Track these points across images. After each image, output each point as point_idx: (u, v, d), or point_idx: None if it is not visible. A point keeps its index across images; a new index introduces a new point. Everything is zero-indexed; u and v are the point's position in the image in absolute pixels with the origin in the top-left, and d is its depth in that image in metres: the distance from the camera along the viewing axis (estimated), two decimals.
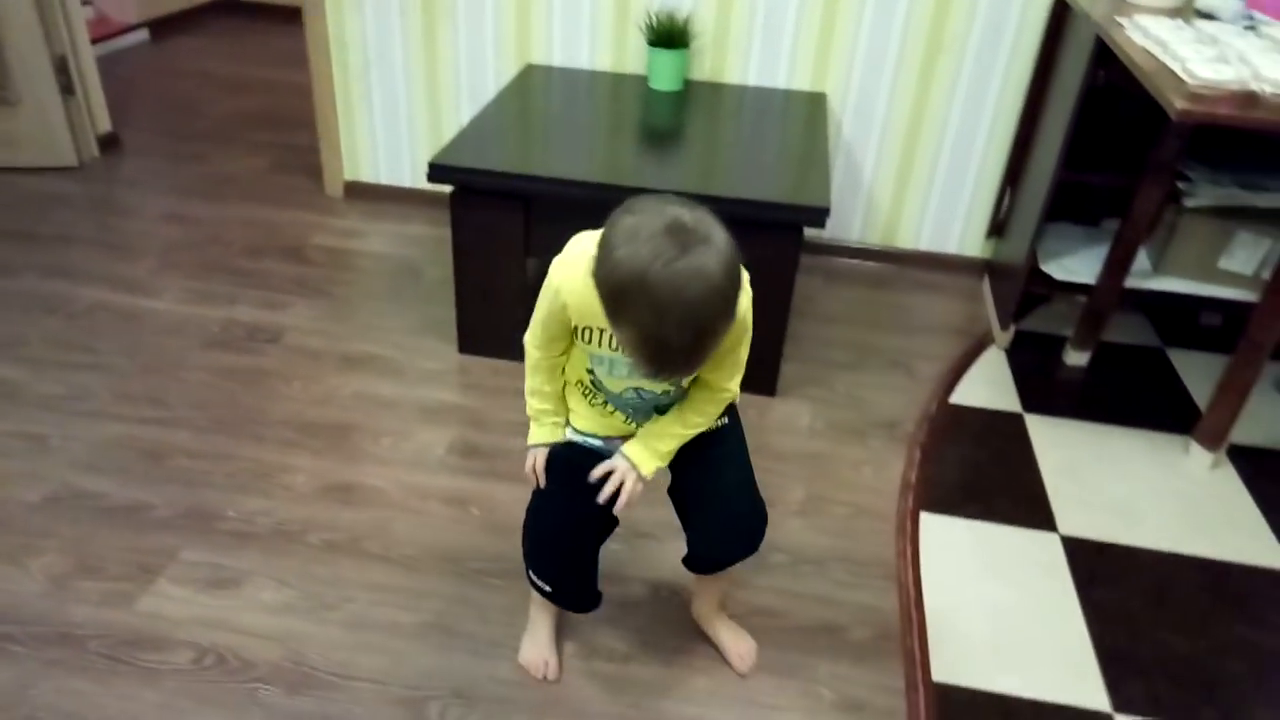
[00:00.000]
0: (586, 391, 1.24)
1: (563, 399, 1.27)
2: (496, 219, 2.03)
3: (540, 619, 1.46)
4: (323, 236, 2.74)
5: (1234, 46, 1.70)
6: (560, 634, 1.48)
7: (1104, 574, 1.70)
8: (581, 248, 1.07)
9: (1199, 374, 2.29)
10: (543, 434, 1.28)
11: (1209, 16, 1.97)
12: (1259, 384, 2.26)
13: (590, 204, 2.12)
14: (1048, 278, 2.26)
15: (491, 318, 2.16)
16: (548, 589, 1.34)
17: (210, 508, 1.72)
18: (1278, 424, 2.13)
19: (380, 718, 1.35)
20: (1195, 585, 1.68)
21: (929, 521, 1.80)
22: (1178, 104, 1.43)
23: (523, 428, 1.30)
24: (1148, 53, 1.71)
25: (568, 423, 1.28)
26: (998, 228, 2.63)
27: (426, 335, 2.27)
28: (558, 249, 1.11)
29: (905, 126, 2.56)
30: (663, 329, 0.89)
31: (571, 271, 1.07)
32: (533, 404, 1.27)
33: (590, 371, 1.20)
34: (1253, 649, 1.56)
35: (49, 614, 1.49)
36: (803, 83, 2.56)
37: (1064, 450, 2.01)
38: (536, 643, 1.45)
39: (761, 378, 2.10)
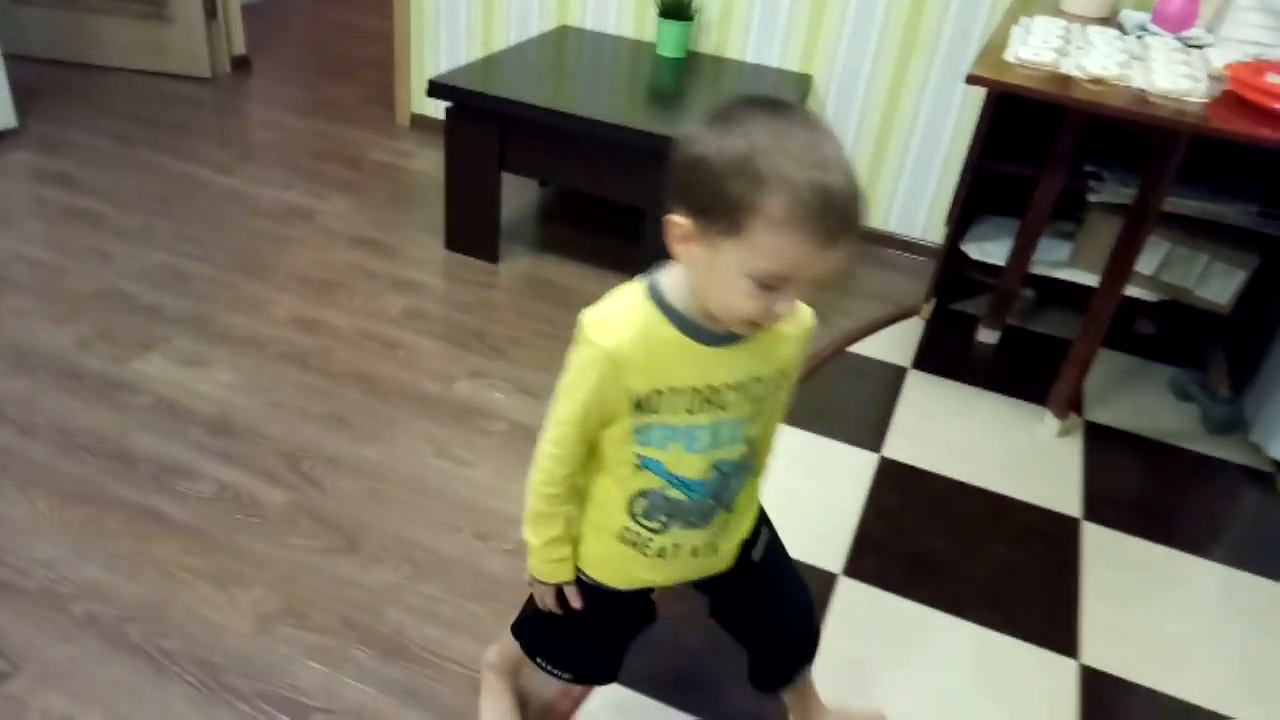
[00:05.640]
0: (635, 539, 1.01)
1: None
2: (478, 135, 2.45)
3: (503, 689, 1.33)
4: (380, 154, 3.25)
5: (1093, 44, 1.90)
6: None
7: (901, 487, 1.94)
8: (626, 296, 0.91)
9: (1102, 370, 2.44)
10: (564, 572, 1.06)
11: (1120, 26, 2.15)
12: (1155, 380, 2.41)
13: (555, 130, 2.56)
14: (966, 257, 2.48)
15: (471, 220, 2.59)
16: (568, 676, 1.20)
17: (205, 316, 2.22)
18: (1147, 415, 2.26)
19: (269, 461, 1.79)
20: (978, 510, 1.90)
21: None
22: (969, 73, 1.68)
23: (471, 309, 1.67)
24: (1008, 41, 1.93)
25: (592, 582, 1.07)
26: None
27: (425, 233, 2.72)
28: (527, 166, 1.09)
29: (881, 115, 2.82)
30: (823, 170, 0.76)
31: (625, 319, 0.89)
32: (549, 554, 1.04)
33: (642, 496, 0.97)
34: (1002, 560, 1.77)
35: (70, 360, 2.01)
36: (793, 64, 2.86)
37: (928, 400, 2.23)
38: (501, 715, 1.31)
39: None
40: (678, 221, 0.83)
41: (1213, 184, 2.22)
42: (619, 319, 0.90)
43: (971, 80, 1.70)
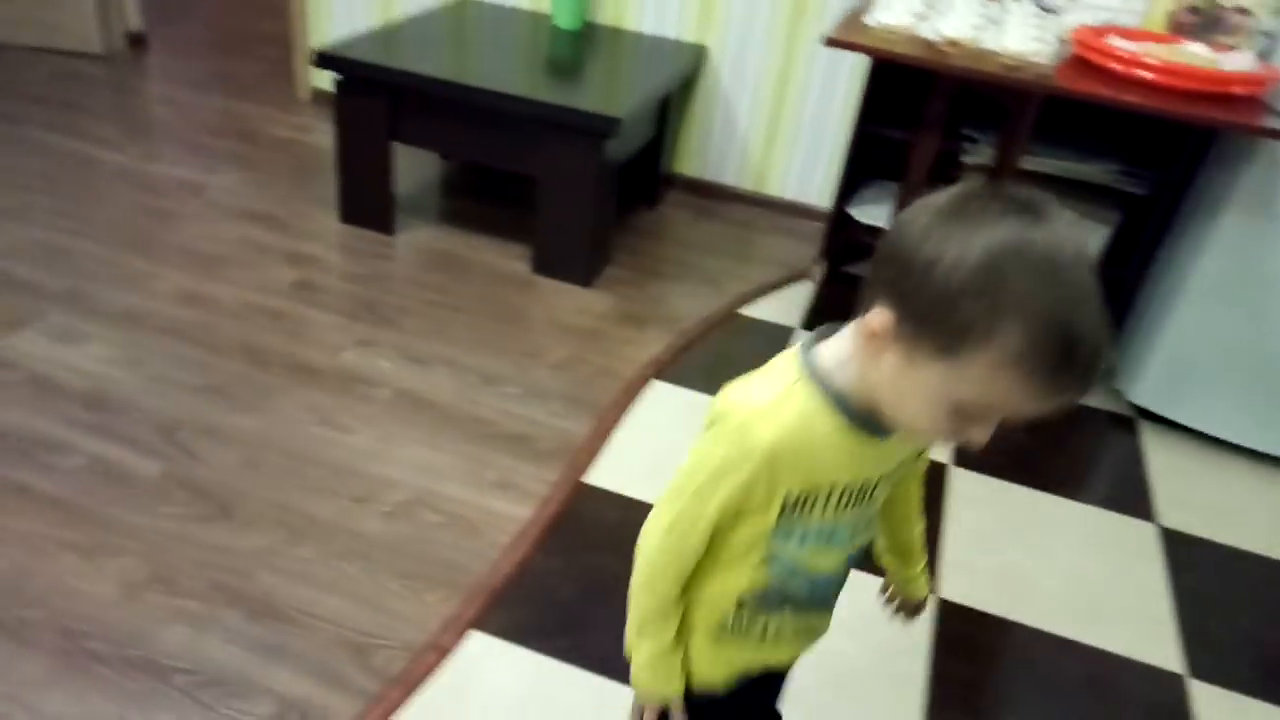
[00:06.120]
0: (732, 624, 0.87)
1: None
2: (367, 107, 2.43)
3: None
4: (278, 129, 3.20)
5: (954, 8, 1.97)
6: None
7: None
8: (780, 374, 0.77)
9: None
10: (677, 681, 0.89)
11: None
12: None
13: (447, 101, 2.55)
14: (853, 221, 2.54)
15: (364, 192, 2.57)
16: None
17: (84, 292, 2.18)
18: None
19: (143, 433, 1.77)
20: None
21: (658, 386, 2.12)
22: (828, 37, 1.73)
23: (363, 280, 1.66)
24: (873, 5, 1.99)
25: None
26: None
27: (320, 207, 2.69)
28: (420, 138, 1.03)
29: (774, 84, 2.87)
30: (1076, 309, 0.63)
31: (784, 406, 0.75)
32: (662, 664, 0.87)
33: (758, 588, 0.84)
34: None
35: None
36: (689, 35, 2.89)
37: None
38: None
39: (577, 268, 2.46)
40: (879, 316, 0.69)
41: (1078, 145, 2.31)
42: (777, 407, 0.75)
43: (830, 43, 1.75)
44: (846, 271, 2.70)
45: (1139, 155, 2.30)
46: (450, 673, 1.41)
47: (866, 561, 0.97)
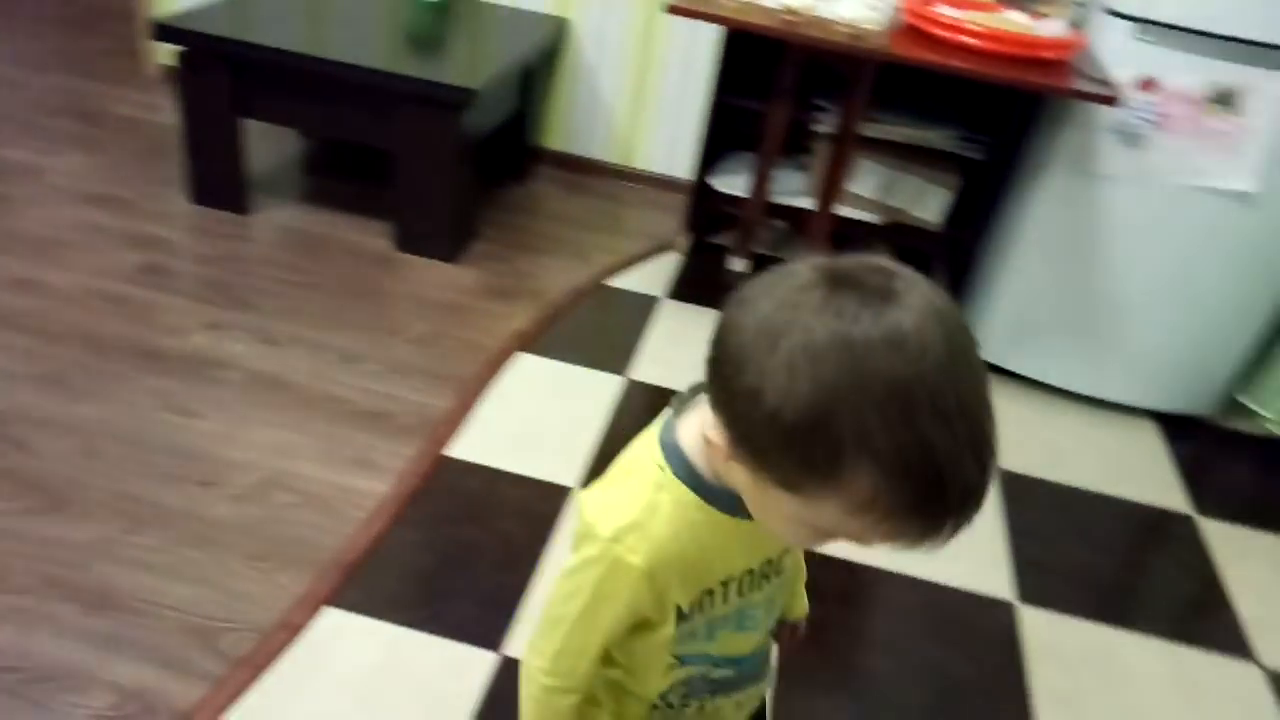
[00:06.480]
0: (668, 714, 0.81)
1: None
2: (212, 82, 2.34)
3: None
4: (123, 107, 3.04)
5: None
6: None
7: (644, 405, 2.03)
8: (639, 475, 0.70)
9: None
10: None
11: None
12: None
13: (298, 74, 2.45)
14: (715, 191, 2.59)
15: (214, 172, 2.47)
16: None
17: None
18: None
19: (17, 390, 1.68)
20: None
21: (522, 359, 2.12)
22: (670, 4, 1.76)
23: (214, 262, 1.59)
24: None
25: None
26: None
27: (169, 188, 2.58)
28: (270, 113, 0.96)
29: (637, 56, 2.89)
30: (933, 432, 0.51)
31: (653, 514, 0.67)
32: None
33: (681, 685, 0.78)
34: None
35: None
36: (550, 7, 2.88)
37: (678, 327, 2.34)
38: None
39: (440, 244, 2.43)
40: (715, 431, 0.61)
41: (920, 112, 2.41)
42: (648, 518, 0.67)
43: (672, 10, 1.77)
44: (710, 242, 2.75)
45: (977, 121, 2.42)
46: (302, 650, 1.39)
47: None
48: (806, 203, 2.57)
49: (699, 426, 0.67)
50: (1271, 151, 1.91)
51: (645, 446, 0.71)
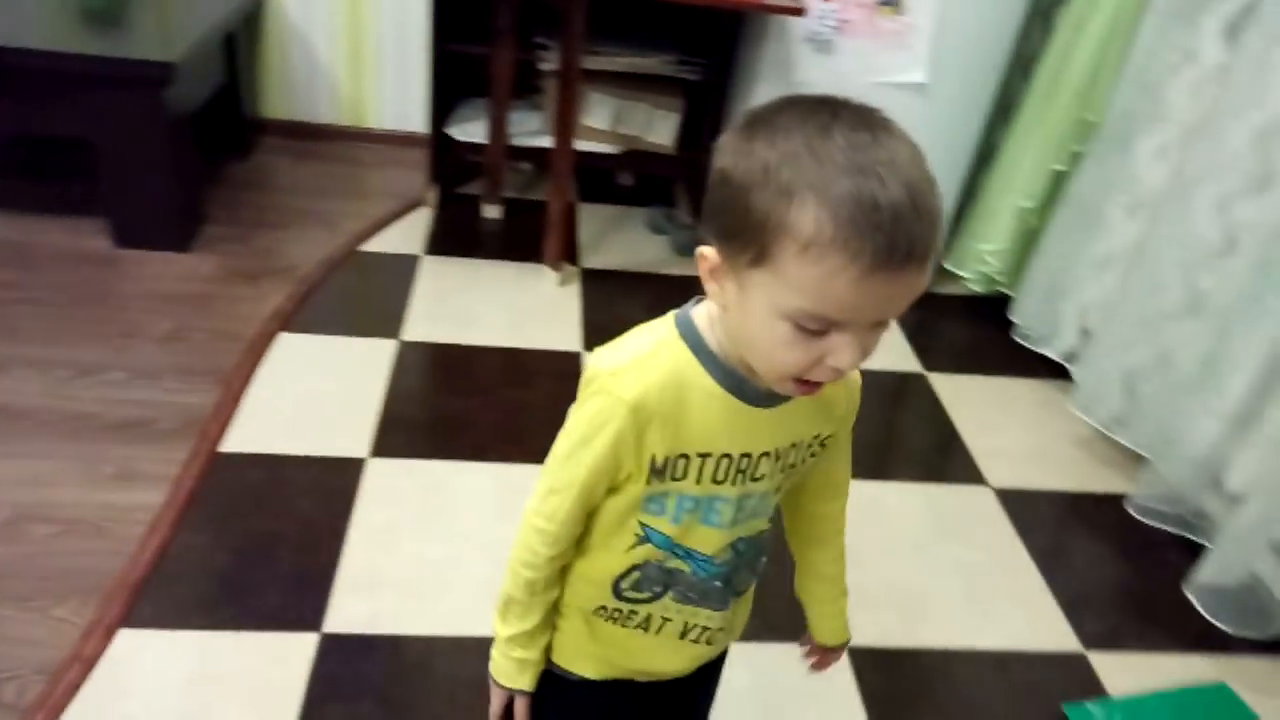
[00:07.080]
0: (614, 615, 0.83)
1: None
2: None
3: None
4: None
5: None
6: None
7: (421, 365, 2.03)
8: (651, 334, 0.75)
9: (594, 222, 2.71)
10: (525, 679, 0.85)
11: None
12: (637, 222, 2.73)
13: None
14: (454, 141, 2.58)
15: None
16: None
17: None
18: (631, 253, 2.57)
19: None
20: (491, 366, 2.06)
21: (285, 339, 2.04)
22: None
23: None
24: None
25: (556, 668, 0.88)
26: None
27: None
28: None
29: (346, 11, 2.77)
30: (866, 175, 0.60)
31: (652, 363, 0.73)
32: (514, 650, 0.84)
33: (636, 570, 0.80)
34: (514, 403, 1.95)
35: None
36: None
37: (442, 281, 2.33)
38: None
39: (165, 234, 2.25)
40: (704, 253, 0.68)
41: (639, 41, 2.51)
42: (644, 363, 0.72)
43: None
44: (460, 193, 2.74)
45: (692, 45, 2.55)
46: (103, 679, 1.31)
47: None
48: (547, 141, 2.61)
49: (711, 305, 0.73)
50: (934, 43, 2.17)
51: (660, 320, 0.77)
